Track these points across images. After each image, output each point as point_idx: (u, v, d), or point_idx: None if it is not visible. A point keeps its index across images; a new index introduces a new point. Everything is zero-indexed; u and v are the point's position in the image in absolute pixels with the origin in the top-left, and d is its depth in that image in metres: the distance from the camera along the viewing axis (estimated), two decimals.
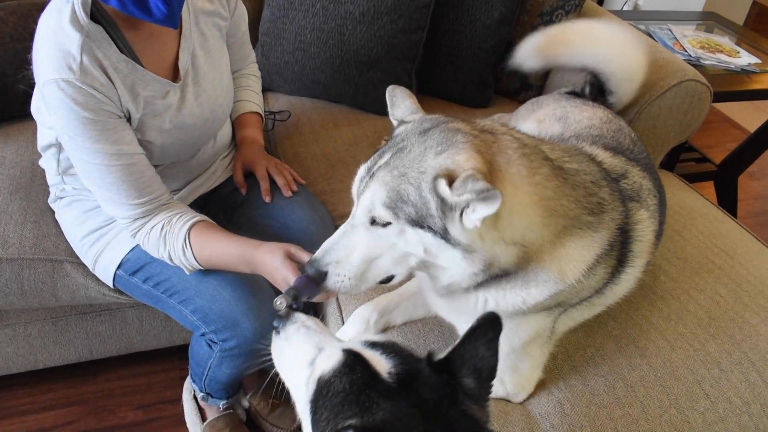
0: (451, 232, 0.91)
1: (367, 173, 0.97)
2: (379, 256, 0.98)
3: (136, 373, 1.88)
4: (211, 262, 1.27)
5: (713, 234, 1.56)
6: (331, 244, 1.01)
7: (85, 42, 1.09)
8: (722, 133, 3.64)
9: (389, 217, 0.93)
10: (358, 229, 0.98)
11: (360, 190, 0.98)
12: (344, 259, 0.99)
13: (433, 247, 0.94)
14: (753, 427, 1.17)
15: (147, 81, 1.21)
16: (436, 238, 0.92)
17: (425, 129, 0.96)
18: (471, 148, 0.92)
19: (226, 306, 1.30)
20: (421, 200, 0.90)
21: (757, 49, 2.50)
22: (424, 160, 0.92)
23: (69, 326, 1.67)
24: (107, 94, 1.13)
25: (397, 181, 0.92)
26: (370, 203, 0.94)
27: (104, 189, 1.20)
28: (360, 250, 0.98)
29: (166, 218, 1.25)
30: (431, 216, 0.91)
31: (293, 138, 1.84)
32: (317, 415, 0.72)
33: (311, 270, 1.00)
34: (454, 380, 0.73)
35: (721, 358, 1.25)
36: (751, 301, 1.37)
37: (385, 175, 0.93)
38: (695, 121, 1.85)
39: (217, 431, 1.63)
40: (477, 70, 2.01)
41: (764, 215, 3.05)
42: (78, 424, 1.74)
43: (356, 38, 1.85)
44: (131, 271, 1.36)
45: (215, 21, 1.36)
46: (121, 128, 1.17)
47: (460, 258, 0.94)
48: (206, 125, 1.38)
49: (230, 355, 1.37)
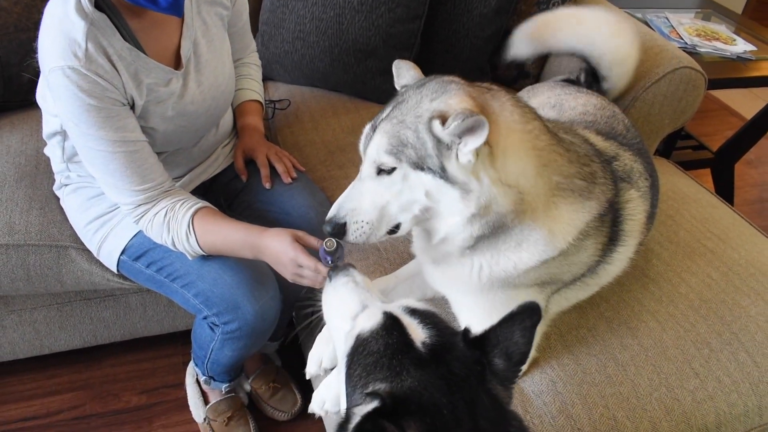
0: (449, 170, 0.97)
1: (371, 129, 1.04)
2: (387, 203, 1.04)
3: (139, 359, 1.91)
4: (215, 248, 1.29)
5: (706, 219, 1.58)
6: (342, 200, 1.07)
7: (90, 30, 1.12)
8: (720, 121, 3.65)
9: (393, 162, 0.99)
10: (365, 181, 1.05)
11: (365, 146, 1.04)
12: (358, 206, 1.05)
13: (433, 189, 1.00)
14: (742, 405, 1.20)
15: (150, 68, 1.23)
16: (435, 178, 0.98)
17: (422, 83, 1.04)
18: (463, 93, 0.99)
19: (228, 289, 1.33)
20: (419, 141, 0.97)
21: (754, 37, 2.51)
22: (419, 106, 0.99)
23: (74, 312, 1.70)
24: (112, 81, 1.15)
25: (397, 127, 0.99)
26: (374, 153, 1.01)
27: (108, 175, 1.23)
28: (370, 197, 1.04)
29: (170, 204, 1.28)
30: (429, 156, 0.97)
31: (293, 126, 1.86)
32: (351, 369, 0.76)
33: (329, 228, 1.06)
34: (485, 359, 0.76)
35: (711, 339, 1.27)
36: (742, 283, 1.40)
37: (387, 125, 1.00)
38: (690, 108, 1.86)
39: (220, 414, 1.67)
40: (474, 59, 2.03)
41: (761, 203, 3.07)
42: (83, 408, 1.77)
43: (355, 27, 1.87)
44: (135, 257, 1.39)
45: (217, 10, 1.38)
46: (125, 115, 1.19)
47: (458, 198, 0.99)
48: (208, 113, 1.40)
49: (232, 338, 1.39)
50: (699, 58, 2.21)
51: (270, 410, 1.76)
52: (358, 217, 1.05)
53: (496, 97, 1.02)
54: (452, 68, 2.04)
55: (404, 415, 0.67)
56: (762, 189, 3.19)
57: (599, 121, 1.37)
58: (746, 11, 3.77)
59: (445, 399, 0.69)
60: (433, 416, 0.67)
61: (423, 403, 0.68)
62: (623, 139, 1.33)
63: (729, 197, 2.83)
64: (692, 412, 1.17)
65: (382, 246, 1.45)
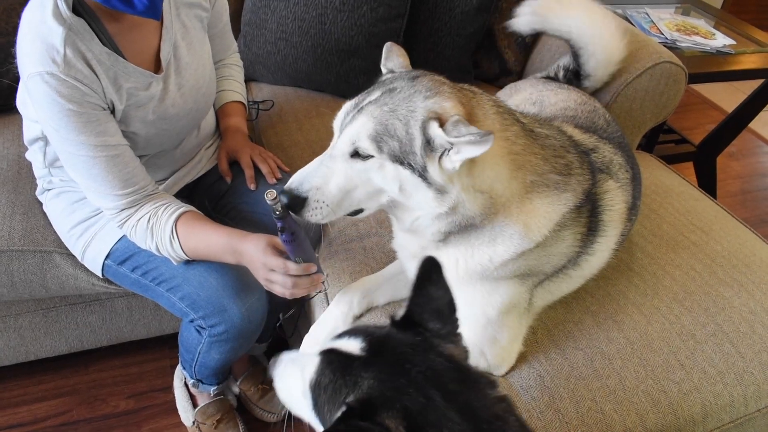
0: (430, 171, 0.97)
1: (354, 108, 1.02)
2: (354, 188, 1.02)
3: (127, 363, 1.89)
4: (198, 253, 1.29)
5: (689, 211, 1.60)
6: (308, 172, 1.04)
7: (68, 35, 1.11)
8: (702, 115, 3.68)
9: (372, 150, 0.98)
10: (336, 159, 1.02)
11: (344, 123, 1.03)
12: (323, 186, 1.02)
13: (408, 185, 0.99)
14: (727, 396, 1.22)
15: (129, 73, 1.22)
16: (413, 175, 0.98)
17: (414, 76, 1.03)
18: (455, 98, 0.99)
19: (213, 292, 1.32)
20: (407, 137, 0.96)
21: (733, 31, 2.54)
22: (413, 101, 0.97)
23: (59, 317, 1.68)
24: (91, 86, 1.14)
25: (387, 115, 0.97)
26: (355, 134, 0.99)
27: (90, 180, 1.22)
28: (337, 180, 1.02)
29: (153, 209, 1.27)
30: (413, 153, 0.96)
31: (277, 127, 1.86)
32: (322, 415, 0.76)
33: (286, 198, 1.03)
34: (421, 328, 0.78)
35: (696, 331, 1.29)
36: (725, 275, 1.42)
37: (375, 110, 0.98)
38: (671, 102, 1.88)
39: (209, 417, 1.66)
40: (456, 57, 2.03)
41: (743, 194, 3.10)
42: (70, 414, 1.76)
43: (337, 27, 1.87)
44: (119, 261, 1.38)
45: (196, 12, 1.37)
46: (105, 120, 1.18)
47: (432, 198, 0.99)
48: (189, 115, 1.40)
49: (219, 340, 1.39)
50: (679, 52, 2.23)
51: (259, 412, 1.75)
52: (321, 197, 1.02)
53: (481, 103, 1.04)
54: (435, 66, 2.05)
55: (376, 412, 0.68)
56: (744, 181, 3.22)
57: (579, 116, 1.39)
58: (725, 6, 3.81)
59: (404, 380, 0.71)
60: (401, 399, 0.69)
61: (386, 393, 0.70)
62: (603, 133, 1.35)
63: (712, 190, 2.86)
64: (678, 403, 1.18)
65: (368, 246, 1.45)
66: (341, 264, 1.41)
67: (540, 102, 1.46)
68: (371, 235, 1.46)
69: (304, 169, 1.05)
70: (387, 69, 1.14)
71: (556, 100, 1.45)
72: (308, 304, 1.50)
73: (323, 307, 1.37)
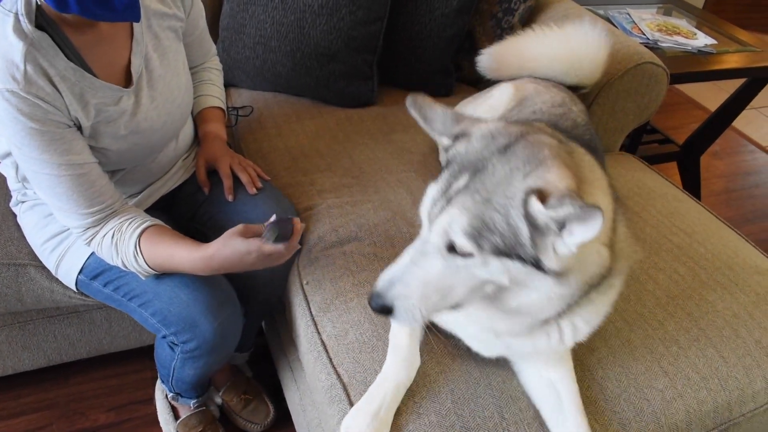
0: (544, 261, 0.83)
1: (442, 195, 0.88)
2: (453, 286, 0.89)
3: (107, 375, 1.87)
4: (164, 268, 1.26)
5: (671, 213, 1.59)
6: (399, 274, 0.90)
7: (29, 51, 1.07)
8: (686, 115, 3.70)
9: (471, 248, 0.84)
10: (431, 256, 0.88)
11: (434, 214, 0.88)
12: (416, 290, 0.88)
13: (521, 275, 0.86)
14: (711, 402, 1.21)
15: (96, 88, 1.19)
16: (525, 266, 0.84)
17: (505, 145, 0.87)
18: (560, 163, 0.85)
19: (185, 307, 1.29)
20: (509, 229, 0.82)
21: (715, 31, 2.54)
22: (511, 184, 0.83)
23: (37, 330, 1.65)
24: (54, 103, 1.11)
25: (481, 207, 0.83)
26: (447, 229, 0.85)
27: (55, 198, 1.19)
28: (434, 280, 0.88)
29: (117, 225, 1.24)
30: (521, 245, 0.82)
31: (256, 133, 1.84)
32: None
33: (375, 304, 0.90)
34: None
35: (679, 336, 1.28)
36: (709, 278, 1.41)
37: (466, 200, 0.84)
38: (653, 102, 1.88)
39: (191, 429, 1.64)
40: (438, 60, 2.02)
41: (727, 193, 3.11)
42: (50, 428, 1.73)
43: (316, 31, 1.84)
44: (92, 276, 1.35)
45: (169, 23, 1.34)
46: (70, 138, 1.15)
47: (552, 283, 0.86)
48: (164, 128, 1.37)
49: (192, 356, 1.37)
50: (661, 53, 2.23)
51: (242, 422, 1.73)
52: (413, 303, 0.89)
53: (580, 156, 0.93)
54: (416, 69, 2.05)
55: None
56: (728, 180, 3.23)
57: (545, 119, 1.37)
58: (707, 6, 3.83)
59: None
60: None
61: None
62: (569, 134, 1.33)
63: (696, 189, 2.87)
64: (662, 411, 1.17)
65: (348, 251, 1.43)
66: (321, 270, 1.39)
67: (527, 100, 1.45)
68: (351, 240, 1.45)
69: (393, 269, 0.91)
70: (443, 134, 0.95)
71: (533, 102, 1.44)
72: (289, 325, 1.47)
73: (309, 323, 1.35)
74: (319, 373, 1.23)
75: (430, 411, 1.10)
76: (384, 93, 2.06)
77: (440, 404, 1.11)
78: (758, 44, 2.47)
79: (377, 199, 1.56)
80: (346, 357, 1.22)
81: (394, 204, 1.55)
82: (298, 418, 1.55)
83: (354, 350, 1.22)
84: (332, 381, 1.19)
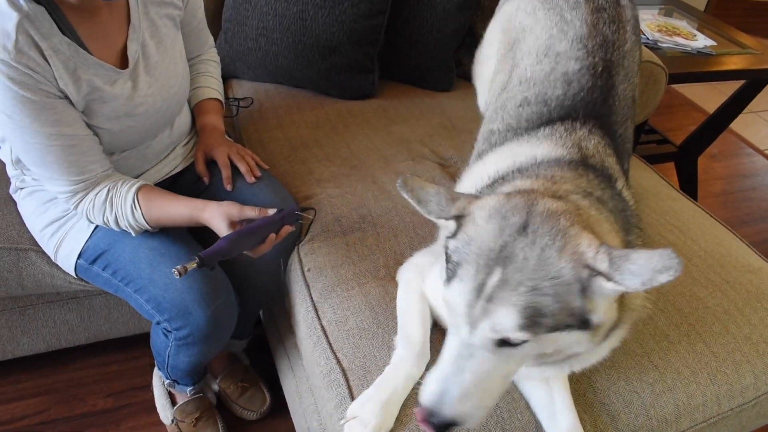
0: (593, 319, 0.85)
1: (477, 296, 0.84)
2: (509, 374, 0.90)
3: (105, 361, 1.88)
4: (160, 222, 1.30)
5: (666, 212, 1.61)
6: (447, 383, 0.87)
7: (22, 22, 1.08)
8: (685, 116, 3.71)
9: (527, 337, 0.83)
10: (478, 355, 0.86)
11: (474, 316, 0.84)
12: (472, 393, 0.86)
13: (566, 341, 0.86)
14: (700, 396, 1.22)
15: (89, 64, 1.20)
16: (571, 332, 0.85)
17: (521, 225, 0.86)
18: (582, 229, 0.86)
19: (179, 294, 1.31)
20: (561, 306, 0.82)
21: (715, 33, 2.56)
22: (550, 264, 0.82)
23: (36, 315, 1.67)
24: (44, 74, 1.12)
25: (530, 297, 0.81)
26: (499, 329, 0.83)
27: (44, 168, 1.21)
28: (488, 380, 0.87)
29: (111, 183, 1.27)
30: (572, 315, 0.83)
31: (257, 123, 1.85)
32: None
33: (434, 422, 0.87)
34: None
35: (670, 331, 1.29)
36: (700, 275, 1.43)
37: (511, 296, 0.82)
38: (652, 101, 1.90)
39: (188, 415, 1.65)
40: (439, 54, 2.03)
41: (724, 195, 3.13)
42: (48, 413, 1.74)
43: (318, 23, 1.86)
44: (91, 260, 1.37)
45: (167, 11, 1.36)
46: (62, 108, 1.17)
47: (588, 338, 0.88)
48: (159, 114, 1.38)
49: (185, 344, 1.38)
50: (660, 53, 2.24)
51: (239, 410, 1.75)
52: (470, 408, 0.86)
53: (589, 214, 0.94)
54: (417, 64, 2.06)
55: None
56: (726, 182, 3.25)
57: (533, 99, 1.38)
58: (708, 8, 3.84)
59: None
60: None
61: None
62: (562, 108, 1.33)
63: (693, 190, 2.89)
64: (651, 403, 1.19)
65: (351, 241, 1.45)
66: (323, 258, 1.41)
67: None
68: (354, 230, 1.46)
69: (439, 376, 0.87)
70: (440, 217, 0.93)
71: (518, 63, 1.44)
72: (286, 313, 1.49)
73: (310, 310, 1.36)
74: (318, 357, 1.24)
75: None
76: (385, 86, 2.07)
77: None
78: (758, 47, 2.49)
79: (376, 189, 1.58)
80: (345, 342, 1.23)
81: (394, 194, 1.56)
82: (294, 405, 1.56)
83: (354, 336, 1.24)
84: (331, 366, 1.20)
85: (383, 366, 1.15)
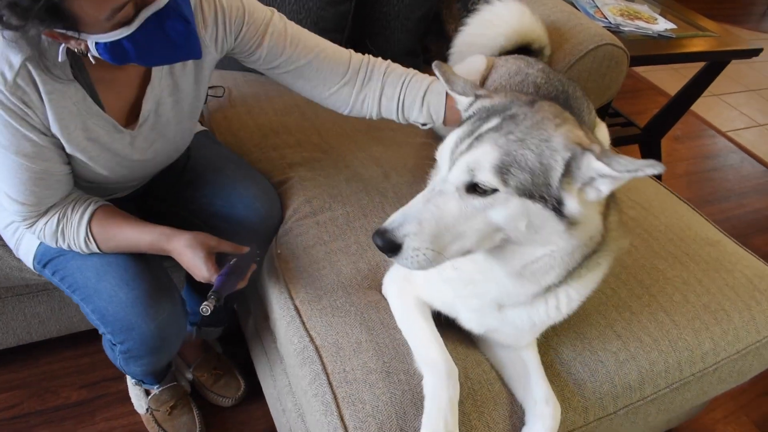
0: (567, 204, 0.87)
1: (469, 135, 0.89)
2: (468, 229, 0.89)
3: (78, 354, 1.87)
4: (119, 250, 1.25)
5: (629, 189, 1.65)
6: (411, 212, 0.89)
7: (31, 60, 1.01)
8: (650, 101, 3.79)
9: (496, 183, 0.85)
10: (448, 196, 0.89)
11: (458, 152, 0.89)
12: (426, 229, 0.87)
13: (538, 219, 0.87)
14: (662, 363, 1.27)
15: (94, 115, 1.15)
16: (545, 209, 0.87)
17: (531, 101, 0.93)
18: (578, 125, 0.91)
19: (122, 308, 1.25)
20: (541, 167, 0.85)
21: (675, 16, 2.61)
22: (544, 129, 0.87)
23: (6, 309, 1.65)
24: (35, 111, 1.06)
25: (515, 145, 0.85)
26: (475, 164, 0.86)
27: (3, 182, 1.13)
28: (448, 220, 0.88)
29: (61, 210, 1.19)
30: (547, 185, 0.85)
31: (226, 111, 1.85)
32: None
33: (380, 241, 0.88)
34: None
35: (632, 302, 1.33)
36: (661, 248, 1.47)
37: (499, 138, 0.86)
38: (614, 83, 1.94)
39: (162, 404, 1.65)
40: (405, 41, 2.05)
41: (688, 176, 3.21)
42: (21, 407, 1.73)
43: (285, 10, 1.85)
44: (42, 263, 1.32)
45: (197, 61, 1.27)
46: (44, 144, 1.10)
47: (563, 231, 0.89)
48: (155, 160, 1.34)
49: (131, 356, 1.34)
50: (622, 36, 2.29)
51: (214, 397, 1.75)
52: (421, 243, 0.87)
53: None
54: (384, 50, 2.07)
55: None
56: (689, 163, 3.33)
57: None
58: None
59: None
60: None
61: None
62: None
63: None
64: (616, 371, 1.22)
65: (322, 220, 1.46)
66: (295, 239, 1.41)
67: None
68: (324, 210, 1.47)
69: (406, 208, 0.90)
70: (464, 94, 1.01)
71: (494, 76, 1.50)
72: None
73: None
74: (291, 336, 1.25)
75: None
76: None
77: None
78: (718, 31, 2.55)
79: (348, 173, 1.59)
80: (319, 321, 1.24)
81: (365, 177, 1.58)
82: (269, 389, 1.57)
83: (327, 314, 1.25)
84: (305, 343, 1.22)
85: (355, 343, 1.17)
